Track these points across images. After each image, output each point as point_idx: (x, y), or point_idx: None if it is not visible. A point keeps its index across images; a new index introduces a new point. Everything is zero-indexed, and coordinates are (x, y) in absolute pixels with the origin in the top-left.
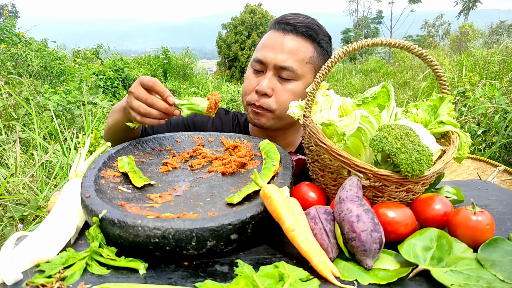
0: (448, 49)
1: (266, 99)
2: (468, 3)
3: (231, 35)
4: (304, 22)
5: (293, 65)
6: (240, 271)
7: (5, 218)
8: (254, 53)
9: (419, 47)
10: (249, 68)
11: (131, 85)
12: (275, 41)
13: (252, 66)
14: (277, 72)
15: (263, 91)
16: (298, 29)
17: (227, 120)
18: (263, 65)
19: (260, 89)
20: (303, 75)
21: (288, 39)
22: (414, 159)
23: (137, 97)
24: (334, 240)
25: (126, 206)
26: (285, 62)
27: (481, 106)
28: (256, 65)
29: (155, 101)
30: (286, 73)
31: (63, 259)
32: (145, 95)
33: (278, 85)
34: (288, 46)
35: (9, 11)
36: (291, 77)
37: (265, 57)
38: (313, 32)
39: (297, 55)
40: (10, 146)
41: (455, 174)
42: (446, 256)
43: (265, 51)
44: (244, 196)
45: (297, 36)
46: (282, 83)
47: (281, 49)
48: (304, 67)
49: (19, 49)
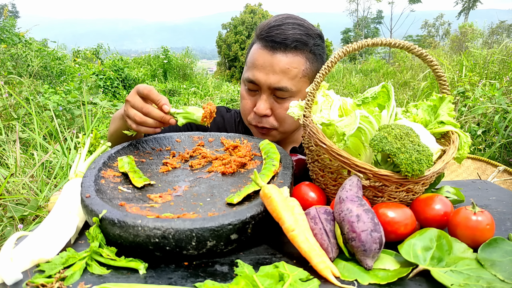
0: (448, 49)
1: (267, 119)
2: (468, 3)
3: (231, 35)
4: (292, 36)
5: (287, 85)
6: (240, 271)
7: (5, 218)
8: (245, 71)
9: (419, 47)
10: (242, 85)
11: (131, 85)
12: (264, 61)
13: (245, 84)
14: (272, 92)
15: (262, 113)
16: (287, 45)
17: (228, 117)
18: (257, 85)
19: (258, 112)
20: (299, 91)
21: (278, 58)
22: (414, 159)
23: (133, 105)
24: (334, 240)
25: (126, 206)
26: (279, 84)
27: (481, 106)
28: (249, 85)
29: (151, 109)
30: (281, 93)
31: (63, 259)
32: (140, 104)
33: (275, 104)
34: (279, 66)
35: (9, 11)
36: (287, 96)
37: (257, 78)
38: (303, 44)
39: (289, 73)
40: (10, 146)
41: (455, 174)
42: (446, 256)
43: (255, 72)
44: (244, 196)
45: (286, 53)
46: (279, 101)
47: (272, 69)
48: (299, 82)
49: (19, 49)
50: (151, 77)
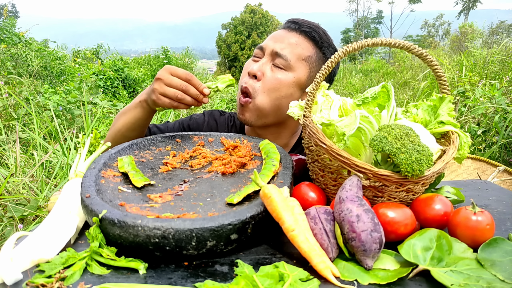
0: (448, 49)
1: (253, 83)
2: (468, 3)
3: (231, 35)
4: (310, 24)
5: (288, 55)
6: (240, 271)
7: (5, 218)
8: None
9: (419, 47)
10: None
11: (131, 85)
12: (279, 34)
13: (253, 54)
14: (272, 59)
15: (253, 72)
16: (302, 27)
17: (222, 121)
18: (262, 51)
19: (250, 70)
20: (295, 68)
21: (292, 35)
22: (414, 159)
23: (169, 84)
24: (334, 240)
25: (126, 206)
26: (282, 50)
27: (481, 106)
28: (256, 52)
29: (189, 87)
30: (279, 61)
31: (63, 259)
32: (179, 82)
33: (269, 70)
34: (290, 40)
35: (9, 11)
36: (283, 66)
37: (265, 43)
38: (316, 34)
39: (295, 48)
40: (10, 146)
41: (455, 174)
42: (446, 256)
43: (267, 40)
44: (244, 196)
45: (300, 34)
46: (274, 70)
47: (282, 40)
48: (299, 62)
49: (19, 49)
50: (151, 77)
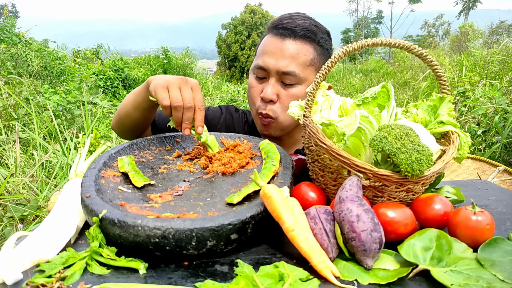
0: (448, 49)
1: (272, 106)
2: (468, 3)
3: (231, 35)
4: (301, 25)
5: (296, 70)
6: (240, 271)
7: (5, 218)
8: (255, 60)
9: (419, 47)
10: (251, 75)
11: (131, 85)
12: (274, 46)
13: (254, 72)
14: (280, 78)
15: (268, 98)
16: (297, 32)
17: (237, 117)
18: (265, 71)
19: (265, 96)
20: (305, 79)
21: (288, 44)
22: (414, 159)
23: (179, 89)
24: (334, 240)
25: (126, 206)
26: (287, 68)
27: (481, 106)
28: (258, 72)
29: (190, 110)
30: (289, 78)
31: (63, 259)
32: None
33: (282, 90)
34: (289, 51)
35: (9, 11)
36: (294, 82)
37: (266, 63)
38: (312, 33)
39: (298, 59)
40: (10, 146)
41: (455, 174)
42: (446, 256)
43: (265, 57)
44: (244, 196)
45: (296, 40)
46: (286, 88)
47: (282, 54)
48: (306, 70)
49: (19, 49)
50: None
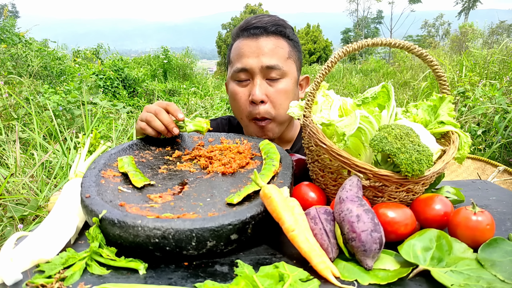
0: (448, 49)
1: (264, 106)
2: (468, 3)
3: (231, 35)
4: (270, 21)
5: (278, 63)
6: (240, 271)
7: (5, 218)
8: (231, 67)
9: (419, 47)
10: (231, 84)
11: (131, 85)
12: (249, 47)
13: (235, 78)
14: (264, 75)
15: (259, 98)
16: (268, 29)
17: (215, 126)
18: (248, 73)
19: (255, 97)
20: (288, 71)
21: (263, 41)
22: (414, 159)
23: (148, 110)
24: (334, 240)
25: (126, 206)
26: (271, 61)
27: (481, 106)
28: (240, 75)
29: (163, 113)
30: (274, 72)
31: (63, 259)
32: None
33: (269, 89)
34: (267, 47)
35: (9, 11)
36: (280, 75)
37: (248, 64)
38: (282, 27)
39: (277, 53)
40: (10, 146)
41: (455, 174)
42: (446, 256)
43: (244, 59)
44: (244, 196)
45: (269, 36)
46: (273, 84)
47: (261, 51)
48: (287, 63)
49: (19, 49)
50: (151, 77)
